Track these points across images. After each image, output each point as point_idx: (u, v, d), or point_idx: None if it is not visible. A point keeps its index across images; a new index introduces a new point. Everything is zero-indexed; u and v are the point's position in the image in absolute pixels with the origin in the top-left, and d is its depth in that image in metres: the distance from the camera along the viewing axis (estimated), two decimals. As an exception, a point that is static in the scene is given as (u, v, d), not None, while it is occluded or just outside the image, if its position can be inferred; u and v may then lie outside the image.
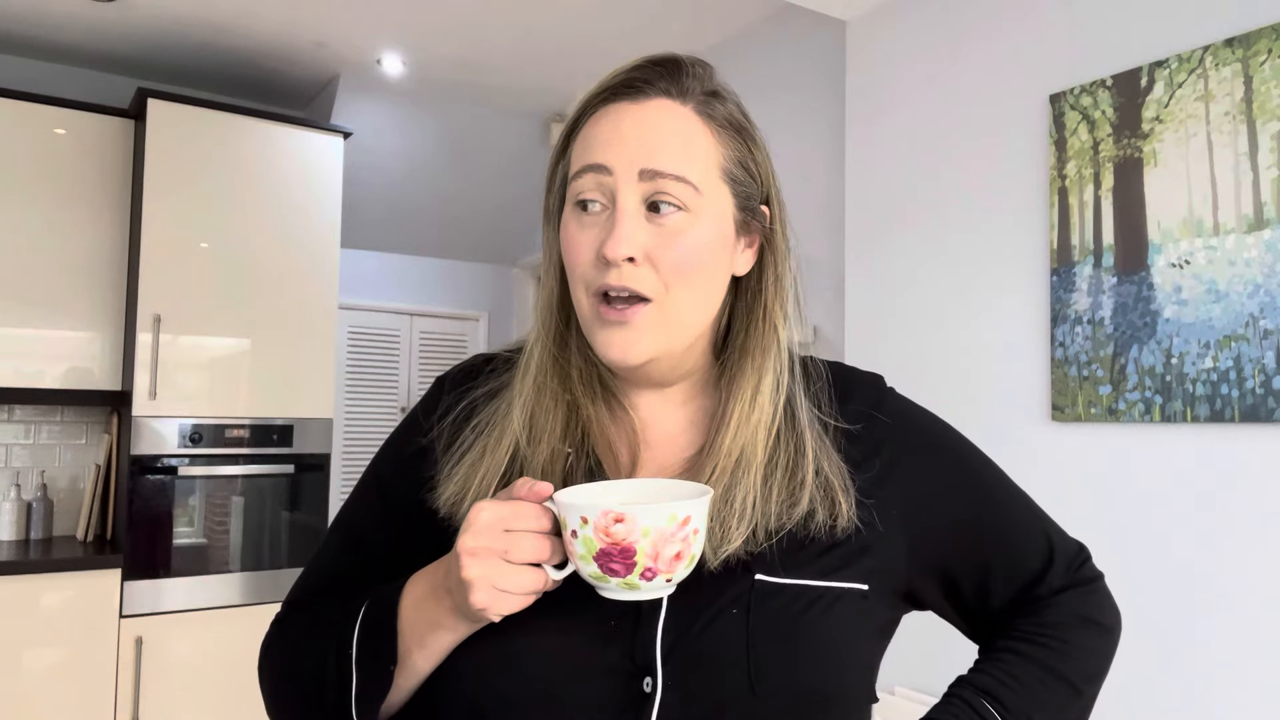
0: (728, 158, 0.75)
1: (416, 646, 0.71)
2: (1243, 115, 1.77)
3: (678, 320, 0.73)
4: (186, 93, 3.73)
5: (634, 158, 0.71)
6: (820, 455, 0.75)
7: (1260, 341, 1.72)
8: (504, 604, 0.65)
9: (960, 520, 0.80)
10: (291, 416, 3.39)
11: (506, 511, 0.65)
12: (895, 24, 2.55)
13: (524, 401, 0.77)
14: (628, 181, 0.71)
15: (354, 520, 0.84)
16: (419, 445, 0.81)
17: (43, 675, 2.88)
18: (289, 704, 0.78)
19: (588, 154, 0.73)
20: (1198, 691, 1.80)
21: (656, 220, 0.71)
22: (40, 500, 3.30)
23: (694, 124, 0.73)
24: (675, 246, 0.71)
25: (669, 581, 0.65)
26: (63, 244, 3.23)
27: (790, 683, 0.69)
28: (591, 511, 0.62)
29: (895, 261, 2.50)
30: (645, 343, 0.72)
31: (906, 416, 0.83)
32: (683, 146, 0.72)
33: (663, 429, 0.80)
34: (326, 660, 0.74)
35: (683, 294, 0.72)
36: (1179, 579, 1.84)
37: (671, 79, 0.74)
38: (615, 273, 0.71)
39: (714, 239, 0.73)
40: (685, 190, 0.71)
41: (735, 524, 0.70)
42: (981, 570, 0.80)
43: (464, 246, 4.60)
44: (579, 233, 0.73)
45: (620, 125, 0.72)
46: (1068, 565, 0.83)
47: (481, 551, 0.64)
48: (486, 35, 3.33)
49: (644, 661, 0.69)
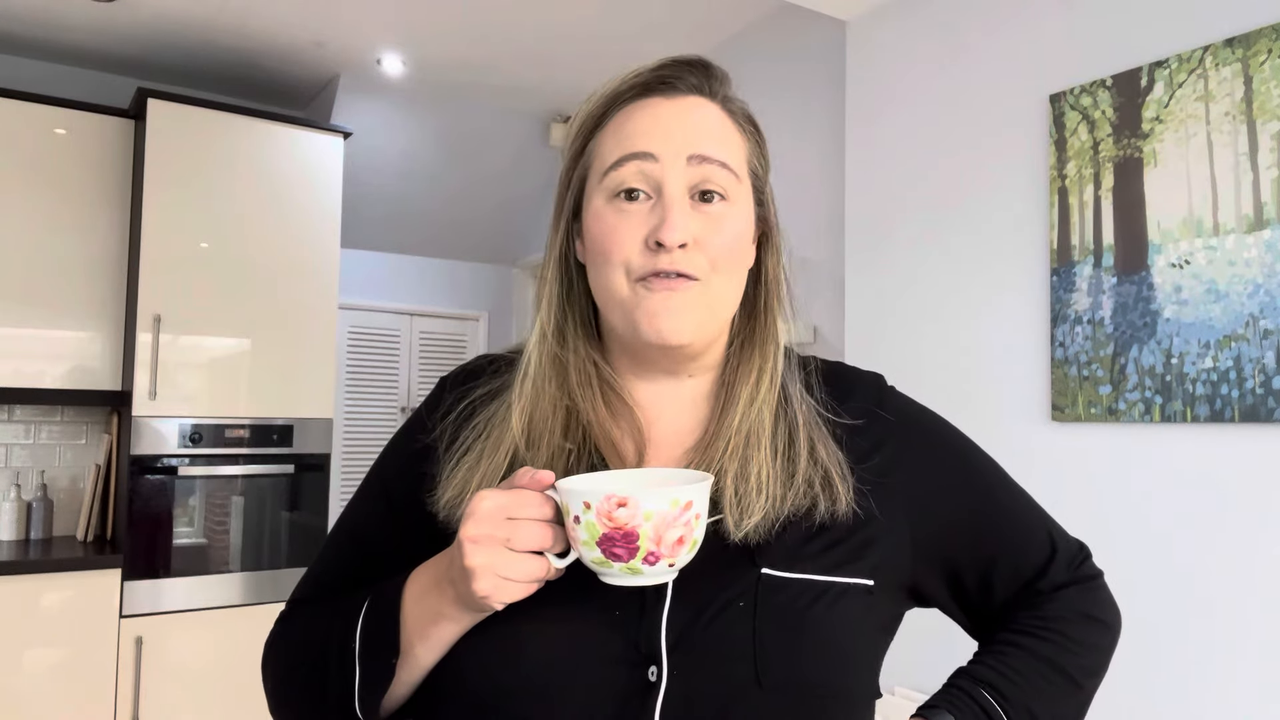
0: (749, 153, 0.79)
1: (419, 639, 0.71)
2: (1243, 115, 1.77)
3: (719, 303, 0.76)
4: (186, 93, 3.73)
5: (681, 145, 0.74)
6: (816, 440, 0.77)
7: (1260, 341, 1.72)
8: (507, 591, 0.65)
9: (963, 516, 0.81)
10: (291, 416, 3.39)
11: (509, 500, 0.66)
12: (895, 24, 2.56)
13: (522, 406, 0.77)
14: (675, 168, 0.74)
15: (357, 519, 0.85)
16: (421, 444, 0.81)
17: (43, 675, 2.88)
18: (292, 700, 0.79)
19: (628, 144, 0.75)
20: (1196, 691, 1.80)
21: (702, 208, 0.75)
22: (40, 500, 3.30)
23: (725, 119, 0.78)
24: (721, 232, 0.75)
25: (671, 566, 0.65)
26: (63, 244, 3.23)
27: (796, 677, 0.70)
28: (594, 497, 0.63)
29: (895, 261, 2.50)
30: (689, 320, 0.74)
31: (908, 414, 0.84)
32: (723, 136, 0.76)
33: (668, 422, 0.80)
34: (329, 654, 0.74)
35: (723, 279, 0.76)
36: (1178, 579, 1.84)
37: (702, 77, 0.78)
38: (668, 258, 0.73)
39: (747, 228, 0.78)
40: (728, 178, 0.75)
41: (755, 498, 0.72)
42: (985, 565, 0.81)
43: (464, 246, 4.60)
44: (620, 220, 0.75)
45: (660, 116, 0.75)
46: (1069, 562, 0.84)
47: (484, 539, 0.65)
48: (486, 35, 3.33)
49: (649, 650, 0.69)
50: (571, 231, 0.80)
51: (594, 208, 0.76)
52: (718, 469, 0.74)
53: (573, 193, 0.80)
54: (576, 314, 0.81)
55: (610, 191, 0.75)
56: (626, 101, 0.77)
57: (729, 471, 0.73)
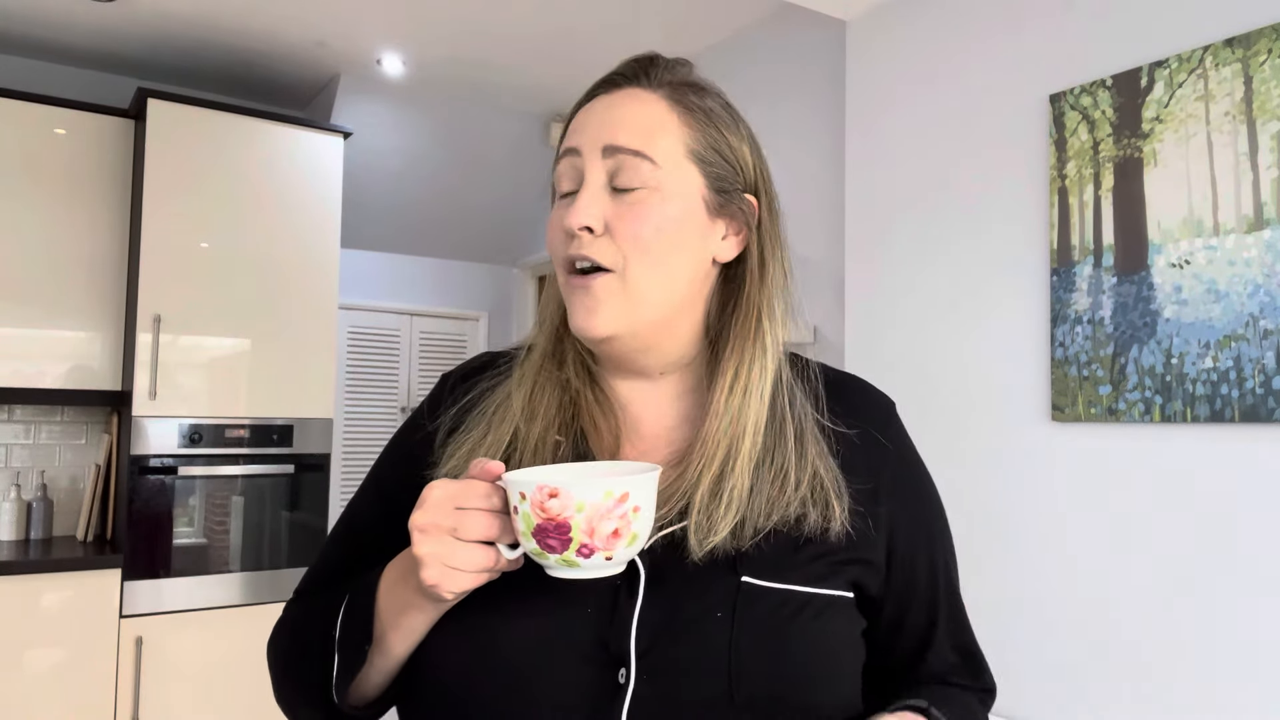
0: (696, 140, 0.76)
1: (391, 628, 0.72)
2: (1243, 115, 1.77)
3: (639, 294, 0.74)
4: (186, 93, 3.73)
5: (597, 136, 0.75)
6: (816, 458, 0.75)
7: (1260, 341, 1.72)
8: (454, 581, 0.65)
9: (927, 566, 0.82)
10: (291, 416, 3.39)
11: (456, 489, 0.66)
12: (895, 24, 2.55)
13: (524, 388, 0.79)
14: (592, 158, 0.75)
15: (358, 514, 0.87)
16: (420, 438, 0.83)
17: (43, 675, 2.88)
18: (290, 688, 0.82)
19: (564, 143, 0.79)
20: (1195, 691, 1.80)
21: (620, 196, 0.74)
22: (40, 500, 3.30)
23: (659, 107, 0.76)
24: (634, 218, 0.74)
25: (609, 560, 0.64)
26: (63, 244, 3.23)
27: (771, 693, 0.68)
28: (528, 487, 0.63)
29: (895, 261, 2.50)
30: (606, 312, 0.74)
31: (906, 448, 0.84)
32: (644, 125, 0.75)
33: (657, 423, 0.81)
34: (315, 643, 0.76)
35: (642, 268, 0.74)
36: (1178, 579, 1.84)
37: (643, 71, 0.79)
38: (576, 243, 0.74)
39: (678, 216, 0.75)
40: (644, 165, 0.74)
41: (722, 514, 0.70)
42: (930, 616, 0.82)
43: (464, 246, 4.60)
44: (554, 217, 0.77)
45: (591, 112, 0.78)
46: (971, 664, 0.85)
47: (431, 528, 0.65)
48: (486, 35, 3.33)
49: (617, 651, 0.68)
50: None
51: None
52: (691, 480, 0.73)
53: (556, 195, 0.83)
54: None
55: (557, 192, 0.79)
56: (580, 105, 0.80)
57: (702, 484, 0.72)
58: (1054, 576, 2.05)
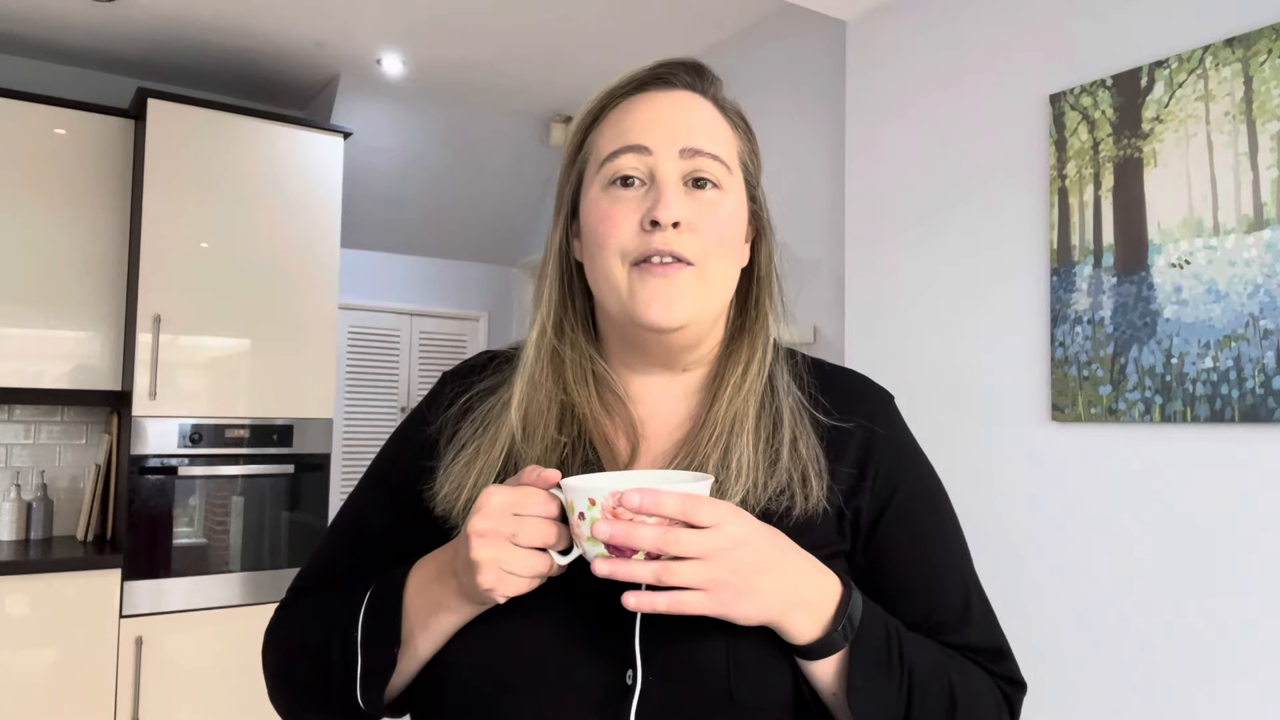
0: (741, 149, 0.82)
1: (420, 629, 0.72)
2: (1243, 115, 1.77)
3: (713, 287, 0.77)
4: (186, 93, 3.73)
5: (674, 137, 0.76)
6: (798, 434, 0.77)
7: (1260, 341, 1.72)
8: (510, 585, 0.66)
9: (919, 566, 0.79)
10: (291, 416, 3.39)
11: (516, 496, 0.67)
12: (895, 24, 2.55)
13: (520, 400, 0.79)
14: (669, 159, 0.76)
15: (358, 510, 0.87)
16: (422, 437, 0.83)
17: (43, 675, 2.88)
18: (292, 689, 0.80)
19: (625, 137, 0.77)
20: (1196, 691, 1.80)
21: (696, 194, 0.77)
22: (40, 500, 3.30)
23: (717, 114, 0.81)
24: (714, 216, 0.77)
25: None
26: (62, 244, 3.23)
27: (773, 693, 0.69)
28: (599, 494, 0.64)
29: (895, 261, 2.50)
30: (685, 303, 0.75)
31: (905, 441, 0.83)
32: (715, 130, 0.79)
33: (661, 417, 0.81)
34: (331, 643, 0.75)
35: (717, 263, 0.77)
36: (1179, 578, 1.84)
37: (695, 75, 0.81)
38: (662, 237, 0.74)
39: (739, 217, 0.80)
40: (719, 168, 0.78)
41: (734, 484, 0.73)
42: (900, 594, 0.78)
43: (464, 246, 4.60)
44: (614, 206, 0.76)
45: (656, 110, 0.78)
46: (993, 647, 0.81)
47: (491, 534, 0.66)
48: (486, 35, 3.33)
49: (625, 653, 0.69)
50: (570, 230, 0.82)
51: (590, 197, 0.78)
52: (702, 456, 0.75)
53: (570, 187, 0.82)
54: (575, 311, 0.82)
55: (606, 180, 0.77)
56: (622, 97, 0.80)
57: (711, 457, 0.75)
58: (1054, 576, 2.05)
